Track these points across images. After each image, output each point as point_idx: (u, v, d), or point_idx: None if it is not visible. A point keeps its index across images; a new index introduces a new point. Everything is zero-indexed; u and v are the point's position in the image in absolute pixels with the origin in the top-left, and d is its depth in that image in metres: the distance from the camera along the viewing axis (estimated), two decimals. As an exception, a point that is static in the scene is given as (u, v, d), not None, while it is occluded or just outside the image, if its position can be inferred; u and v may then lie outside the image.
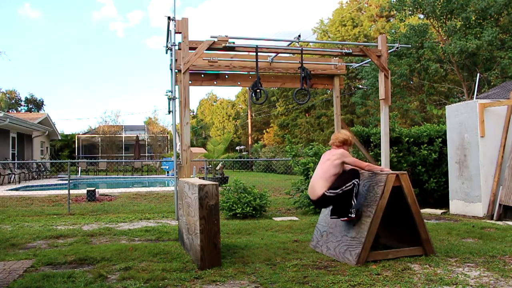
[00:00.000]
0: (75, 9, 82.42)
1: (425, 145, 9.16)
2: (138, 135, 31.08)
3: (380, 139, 7.44)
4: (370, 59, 6.54)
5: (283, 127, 41.66)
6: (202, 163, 18.06)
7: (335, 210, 4.71)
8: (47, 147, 27.17)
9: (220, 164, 17.87)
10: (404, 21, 22.38)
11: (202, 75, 6.56)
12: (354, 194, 4.52)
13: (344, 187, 4.49)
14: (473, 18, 19.14)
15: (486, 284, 3.64)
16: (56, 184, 16.81)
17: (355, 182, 4.52)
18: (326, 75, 7.23)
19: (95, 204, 10.00)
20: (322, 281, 3.70)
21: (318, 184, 4.56)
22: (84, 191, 11.57)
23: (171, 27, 6.38)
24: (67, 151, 34.41)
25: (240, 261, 4.44)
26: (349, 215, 4.52)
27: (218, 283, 3.75)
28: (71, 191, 10.03)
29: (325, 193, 4.49)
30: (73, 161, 24.97)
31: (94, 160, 24.94)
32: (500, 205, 7.36)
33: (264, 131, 48.36)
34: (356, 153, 9.65)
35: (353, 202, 4.52)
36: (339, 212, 4.63)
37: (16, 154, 20.35)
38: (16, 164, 18.54)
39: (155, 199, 11.01)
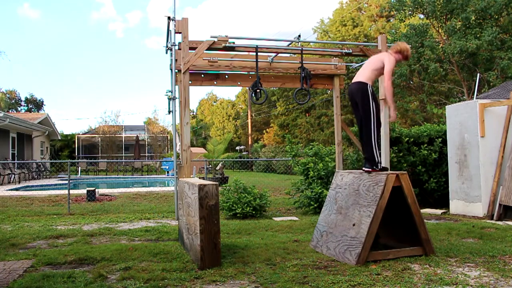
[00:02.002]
0: (74, 9, 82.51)
1: (425, 145, 9.16)
2: (138, 135, 31.09)
3: (380, 139, 7.44)
4: (370, 59, 6.52)
5: (283, 127, 41.65)
6: (202, 163, 18.07)
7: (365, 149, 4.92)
8: (47, 147, 27.18)
9: (220, 164, 17.87)
10: (404, 21, 22.37)
11: (202, 75, 6.56)
12: (376, 142, 4.73)
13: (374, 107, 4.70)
14: (473, 18, 19.13)
15: (486, 284, 3.64)
16: (56, 184, 16.81)
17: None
18: (326, 75, 7.24)
19: (95, 204, 10.00)
20: (322, 281, 3.70)
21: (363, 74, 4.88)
22: (84, 191, 11.57)
23: (171, 27, 6.38)
24: (67, 151, 34.44)
25: (240, 261, 4.44)
26: (374, 167, 4.75)
27: (218, 283, 3.75)
28: (71, 191, 10.03)
29: (368, 84, 4.74)
30: (73, 161, 24.98)
31: (94, 160, 24.94)
32: (500, 205, 7.36)
33: (264, 131, 48.36)
34: (356, 153, 9.65)
35: (377, 153, 4.73)
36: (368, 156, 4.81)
37: (16, 154, 20.36)
38: (16, 164, 18.55)
39: (155, 199, 11.01)
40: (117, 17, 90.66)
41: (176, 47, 6.28)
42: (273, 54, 6.66)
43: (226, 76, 6.71)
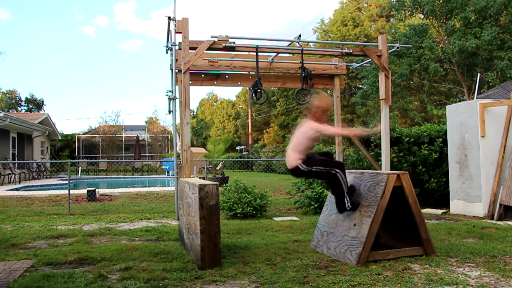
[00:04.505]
0: (75, 10, 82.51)
1: (426, 145, 9.16)
2: (139, 135, 31.07)
3: (380, 139, 7.44)
4: (370, 59, 6.53)
5: (283, 127, 41.63)
6: (203, 163, 18.05)
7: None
8: (47, 147, 27.17)
9: (220, 164, 17.86)
10: (404, 21, 22.37)
11: (203, 75, 6.55)
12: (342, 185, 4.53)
13: (319, 168, 4.50)
14: (473, 18, 19.13)
15: (487, 284, 3.64)
16: (56, 184, 16.80)
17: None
18: (326, 75, 7.23)
19: (96, 204, 10.00)
20: (322, 281, 3.70)
21: (291, 156, 4.56)
22: (84, 191, 11.57)
23: (171, 27, 6.37)
24: (67, 151, 34.41)
25: (241, 261, 4.44)
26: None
27: (218, 283, 3.74)
28: (71, 191, 10.03)
29: (299, 165, 4.48)
30: (73, 161, 24.95)
31: (95, 160, 24.92)
32: (500, 205, 7.36)
33: (264, 131, 48.35)
34: (356, 153, 9.65)
35: (346, 199, 4.55)
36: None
37: (16, 154, 20.36)
38: (16, 164, 18.55)
39: (156, 199, 11.01)
40: (116, 17, 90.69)
41: (177, 47, 6.27)
42: (274, 54, 6.65)
43: (227, 76, 6.70)
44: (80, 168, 24.10)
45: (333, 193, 4.66)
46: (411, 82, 23.49)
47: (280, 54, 6.68)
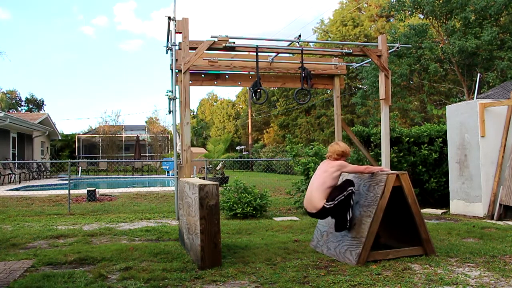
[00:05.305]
0: (76, 10, 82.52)
1: (426, 145, 9.16)
2: (139, 135, 31.06)
3: (380, 139, 7.44)
4: (370, 59, 6.53)
5: (283, 127, 41.62)
6: (203, 163, 18.05)
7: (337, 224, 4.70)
8: (47, 147, 27.17)
9: (220, 164, 17.86)
10: (404, 21, 22.36)
11: (203, 75, 6.55)
12: (351, 205, 4.54)
13: (340, 196, 4.49)
14: (473, 18, 19.12)
15: (487, 284, 3.64)
16: (56, 184, 16.80)
17: (352, 190, 4.55)
18: (326, 75, 7.23)
19: (96, 204, 10.00)
20: (322, 281, 3.71)
21: (316, 197, 4.53)
22: (84, 191, 11.57)
23: (171, 27, 6.36)
24: (67, 151, 34.39)
25: (241, 261, 4.44)
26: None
27: (218, 283, 3.75)
28: (72, 191, 10.03)
29: (325, 205, 4.47)
30: (74, 161, 24.93)
31: (95, 160, 24.89)
32: (500, 205, 7.36)
33: (264, 131, 48.33)
34: (356, 153, 9.65)
35: (348, 216, 4.52)
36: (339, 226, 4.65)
37: (16, 154, 20.36)
38: (16, 164, 18.55)
39: (156, 199, 11.01)
40: (115, 17, 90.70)
41: (177, 47, 6.27)
42: (274, 54, 6.65)
43: (227, 76, 6.70)
44: (80, 168, 24.09)
45: (338, 212, 4.57)
46: (411, 82, 23.48)
47: (280, 54, 6.68)
